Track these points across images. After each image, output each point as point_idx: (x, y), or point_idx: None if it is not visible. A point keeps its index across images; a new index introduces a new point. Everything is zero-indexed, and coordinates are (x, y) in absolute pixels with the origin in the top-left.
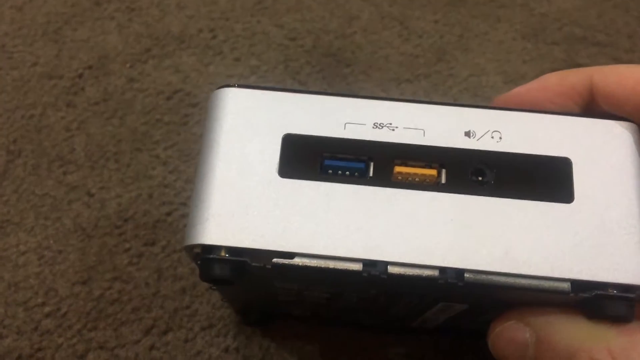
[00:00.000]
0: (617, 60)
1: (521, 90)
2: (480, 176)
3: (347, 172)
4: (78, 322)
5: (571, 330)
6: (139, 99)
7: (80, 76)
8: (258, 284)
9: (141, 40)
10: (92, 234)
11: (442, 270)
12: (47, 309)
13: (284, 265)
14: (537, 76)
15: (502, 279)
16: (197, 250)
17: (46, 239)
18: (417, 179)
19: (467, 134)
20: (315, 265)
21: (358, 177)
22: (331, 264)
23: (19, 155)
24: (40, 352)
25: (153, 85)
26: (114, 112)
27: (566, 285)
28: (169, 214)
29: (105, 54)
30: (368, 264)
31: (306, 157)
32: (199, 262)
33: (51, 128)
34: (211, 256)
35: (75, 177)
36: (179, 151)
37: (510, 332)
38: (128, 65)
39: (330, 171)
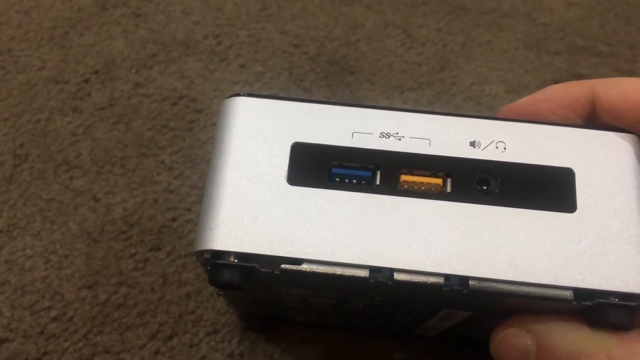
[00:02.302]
0: (619, 71)
1: (526, 101)
2: (484, 185)
3: (355, 181)
4: (84, 326)
5: (572, 337)
6: (145, 105)
7: (86, 81)
8: (265, 290)
9: (147, 46)
10: (98, 239)
11: (447, 277)
12: (53, 313)
13: (292, 271)
14: (539, 86)
15: (506, 287)
16: (207, 255)
17: (52, 243)
18: (422, 188)
19: (472, 144)
20: (323, 271)
21: (365, 185)
22: (338, 270)
23: (26, 160)
24: (47, 356)
25: (159, 91)
26: (120, 117)
27: (569, 294)
28: (174, 219)
29: (111, 59)
30: (374, 270)
31: (314, 166)
32: (208, 267)
33: (57, 133)
34: (221, 261)
35: (82, 182)
36: (184, 157)
37: (513, 338)
38: (134, 70)
39: (337, 179)
